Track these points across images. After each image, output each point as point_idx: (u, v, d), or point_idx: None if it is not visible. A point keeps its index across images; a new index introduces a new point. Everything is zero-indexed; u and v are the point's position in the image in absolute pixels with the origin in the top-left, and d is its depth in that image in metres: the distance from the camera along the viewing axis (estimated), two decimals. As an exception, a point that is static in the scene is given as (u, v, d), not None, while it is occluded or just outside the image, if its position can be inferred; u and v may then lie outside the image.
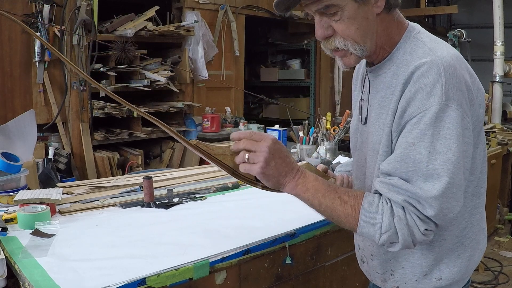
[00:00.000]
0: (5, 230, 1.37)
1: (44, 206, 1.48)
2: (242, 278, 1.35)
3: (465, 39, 4.12)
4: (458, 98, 0.94)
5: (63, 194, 1.77)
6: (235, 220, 1.57)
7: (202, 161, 1.13)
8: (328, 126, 2.63)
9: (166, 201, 1.75)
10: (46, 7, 3.29)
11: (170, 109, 3.99)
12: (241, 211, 1.68)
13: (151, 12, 3.89)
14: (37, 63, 3.33)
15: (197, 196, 1.86)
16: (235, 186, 1.99)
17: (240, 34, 4.63)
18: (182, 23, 4.04)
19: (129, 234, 1.41)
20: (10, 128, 2.04)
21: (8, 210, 1.52)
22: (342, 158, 2.34)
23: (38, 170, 2.78)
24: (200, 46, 4.15)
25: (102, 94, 3.67)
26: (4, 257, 1.17)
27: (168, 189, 1.81)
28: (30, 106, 3.31)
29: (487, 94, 4.49)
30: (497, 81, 4.72)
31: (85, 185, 1.95)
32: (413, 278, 1.11)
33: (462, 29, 4.25)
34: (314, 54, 5.56)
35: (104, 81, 3.67)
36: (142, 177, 1.77)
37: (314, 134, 2.58)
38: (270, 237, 1.41)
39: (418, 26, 1.09)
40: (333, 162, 2.31)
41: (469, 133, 0.97)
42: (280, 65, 6.06)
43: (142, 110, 3.62)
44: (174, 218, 1.58)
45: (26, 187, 1.75)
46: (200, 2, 4.26)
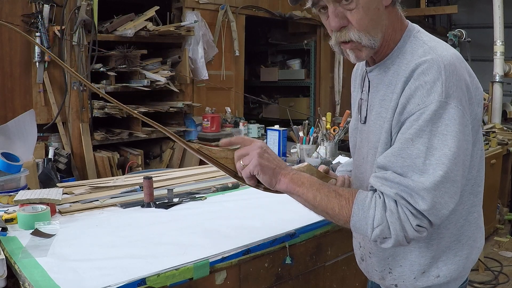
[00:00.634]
0: (5, 230, 1.37)
1: (44, 206, 1.48)
2: (242, 278, 1.35)
3: (465, 39, 4.12)
4: (458, 96, 0.95)
5: (63, 194, 1.77)
6: (235, 220, 1.57)
7: (202, 161, 1.14)
8: (328, 126, 2.64)
9: (166, 201, 1.75)
10: (46, 7, 3.28)
11: (170, 109, 3.99)
12: (241, 211, 1.68)
13: (151, 12, 3.89)
14: (37, 63, 3.32)
15: (197, 196, 1.86)
16: (235, 186, 1.99)
17: (240, 34, 4.62)
18: (182, 23, 4.03)
19: (129, 234, 1.41)
20: (10, 128, 2.04)
21: (8, 210, 1.52)
22: (342, 158, 2.35)
23: (38, 170, 2.78)
24: (200, 46, 4.15)
25: (102, 94, 3.65)
26: (4, 257, 1.17)
27: (168, 189, 1.81)
28: (30, 106, 3.31)
29: (487, 94, 4.49)
30: (497, 81, 4.72)
31: (85, 185, 1.95)
32: (411, 276, 1.11)
33: (462, 29, 4.25)
34: (314, 54, 5.55)
35: (104, 81, 3.67)
36: (142, 177, 1.77)
37: (314, 134, 2.58)
38: (270, 237, 1.41)
39: (417, 26, 1.10)
40: (333, 162, 2.31)
41: (468, 130, 0.98)
42: (280, 65, 6.05)
43: (142, 110, 3.66)
44: (174, 218, 1.58)
45: (26, 187, 1.75)
46: (200, 2, 4.25)
